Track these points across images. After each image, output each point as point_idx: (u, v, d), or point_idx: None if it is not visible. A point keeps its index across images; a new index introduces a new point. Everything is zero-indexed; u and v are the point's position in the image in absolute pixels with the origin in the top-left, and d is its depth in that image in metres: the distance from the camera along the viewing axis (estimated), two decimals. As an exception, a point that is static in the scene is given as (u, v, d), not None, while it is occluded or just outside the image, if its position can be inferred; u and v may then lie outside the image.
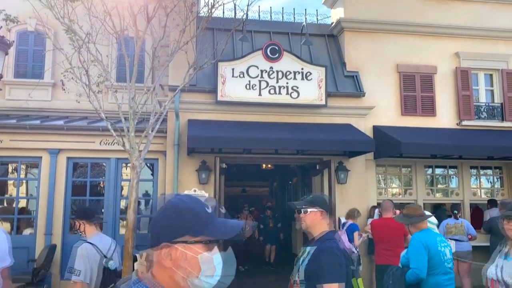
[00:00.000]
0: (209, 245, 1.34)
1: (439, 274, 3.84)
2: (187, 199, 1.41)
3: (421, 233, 3.99)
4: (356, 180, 9.16)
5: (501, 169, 10.35)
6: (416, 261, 3.80)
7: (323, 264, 2.66)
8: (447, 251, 3.94)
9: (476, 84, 10.27)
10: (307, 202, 2.92)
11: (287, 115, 8.99)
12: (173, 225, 1.33)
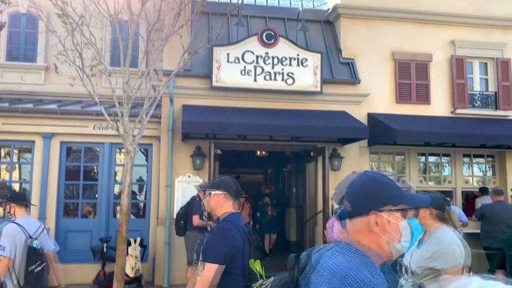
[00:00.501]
0: (405, 213, 1.53)
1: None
2: (379, 174, 1.62)
3: (408, 220, 4.04)
4: (350, 167, 9.17)
5: (493, 158, 10.43)
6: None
7: (210, 244, 2.81)
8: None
9: (470, 73, 10.28)
10: (212, 185, 3.06)
11: (282, 101, 8.96)
12: (379, 196, 1.51)
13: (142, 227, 8.77)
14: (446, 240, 2.97)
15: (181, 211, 7.20)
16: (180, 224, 7.11)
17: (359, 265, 1.40)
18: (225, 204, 3.02)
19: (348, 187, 1.57)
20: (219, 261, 2.73)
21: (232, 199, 3.05)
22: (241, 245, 2.83)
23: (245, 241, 2.87)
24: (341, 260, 1.42)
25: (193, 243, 7.04)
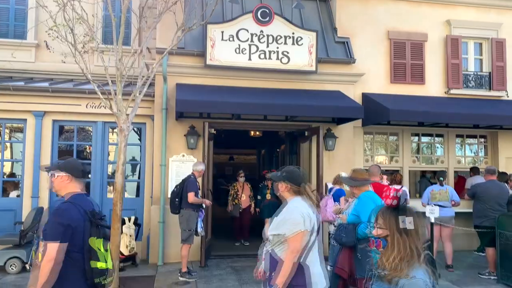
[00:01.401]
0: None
1: None
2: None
3: (367, 192, 4.33)
4: (343, 147, 9.22)
5: (486, 138, 10.51)
6: (367, 215, 4.06)
7: (48, 224, 2.90)
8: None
9: (465, 53, 10.26)
10: (56, 167, 3.14)
11: (277, 81, 8.91)
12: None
13: (136, 206, 8.77)
14: (291, 209, 3.22)
15: (176, 189, 7.21)
16: (175, 202, 7.12)
17: None
18: (68, 185, 3.12)
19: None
20: (59, 238, 2.82)
21: (77, 180, 3.16)
22: (81, 224, 2.94)
23: (86, 220, 2.97)
24: None
25: (188, 221, 7.09)
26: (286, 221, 3.16)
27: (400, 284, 2.20)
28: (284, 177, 3.35)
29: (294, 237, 3.08)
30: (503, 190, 7.58)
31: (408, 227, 2.27)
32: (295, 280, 3.10)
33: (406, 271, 2.21)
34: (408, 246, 2.26)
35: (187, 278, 6.94)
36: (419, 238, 2.29)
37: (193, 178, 7.11)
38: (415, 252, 2.27)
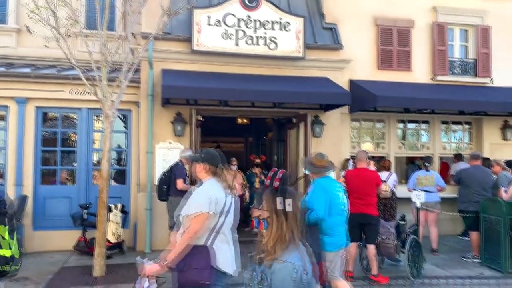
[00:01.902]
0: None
1: (335, 215, 4.28)
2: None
3: (321, 179, 4.42)
4: (331, 133, 9.24)
5: (471, 124, 10.63)
6: (315, 202, 4.19)
7: None
8: (340, 195, 4.42)
9: (451, 40, 10.32)
10: None
11: (264, 67, 8.84)
12: None
13: (123, 193, 8.68)
14: (200, 191, 3.30)
15: (164, 176, 7.14)
16: (163, 188, 7.06)
17: None
18: None
19: None
20: None
21: None
22: None
23: None
24: None
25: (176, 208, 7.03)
26: (192, 202, 3.22)
27: (272, 268, 2.15)
28: (203, 158, 3.43)
29: (195, 218, 3.13)
30: (487, 175, 7.70)
31: (287, 209, 2.22)
32: (197, 262, 3.13)
33: (280, 254, 2.16)
34: (284, 228, 2.20)
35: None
36: (296, 221, 2.23)
37: (181, 165, 7.05)
38: (290, 235, 2.21)
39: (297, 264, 2.14)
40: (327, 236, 4.26)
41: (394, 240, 6.36)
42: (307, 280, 2.14)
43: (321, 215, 4.18)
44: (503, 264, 6.62)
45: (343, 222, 4.43)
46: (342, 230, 4.41)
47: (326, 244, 4.22)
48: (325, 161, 4.57)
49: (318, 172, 4.52)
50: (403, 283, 6.15)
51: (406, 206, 7.86)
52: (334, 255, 4.33)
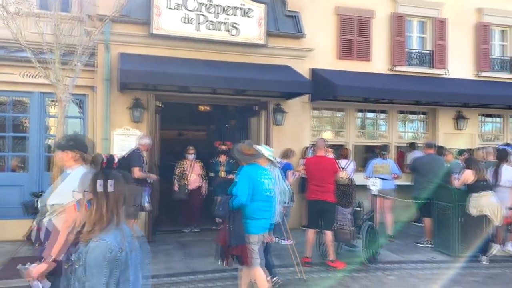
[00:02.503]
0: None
1: (259, 201, 4.46)
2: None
3: (247, 166, 4.58)
4: (292, 122, 9.28)
5: (426, 115, 10.98)
6: (239, 189, 4.37)
7: None
8: (266, 182, 4.57)
9: (409, 31, 10.56)
10: None
11: (226, 53, 8.73)
12: None
13: (78, 181, 8.39)
14: (73, 178, 3.19)
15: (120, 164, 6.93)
16: (119, 177, 6.86)
17: None
18: None
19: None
20: None
21: None
22: None
23: None
24: None
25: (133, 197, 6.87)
26: (66, 191, 3.12)
27: (88, 246, 2.17)
28: (71, 145, 3.37)
29: (70, 207, 3.06)
30: (441, 163, 7.98)
31: (109, 189, 2.22)
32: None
33: (98, 234, 2.18)
34: (104, 210, 2.20)
35: (132, 254, 6.77)
36: (118, 203, 2.24)
37: (138, 152, 6.88)
38: (110, 216, 2.22)
39: (112, 243, 2.14)
40: (251, 220, 4.45)
41: (350, 226, 6.49)
42: (123, 259, 2.15)
43: (243, 201, 4.36)
44: (453, 248, 6.91)
45: (269, 207, 4.61)
46: (267, 215, 4.59)
47: (249, 227, 4.44)
48: (253, 149, 4.72)
49: (245, 160, 4.67)
50: (359, 268, 6.29)
51: (364, 193, 8.02)
52: (258, 238, 4.52)
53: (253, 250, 4.47)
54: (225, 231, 4.38)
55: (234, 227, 4.34)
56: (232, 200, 4.39)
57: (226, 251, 4.41)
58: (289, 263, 6.47)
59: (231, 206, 4.38)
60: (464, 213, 6.71)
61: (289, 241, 7.77)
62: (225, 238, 4.36)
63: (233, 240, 4.32)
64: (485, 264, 6.54)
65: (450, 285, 5.63)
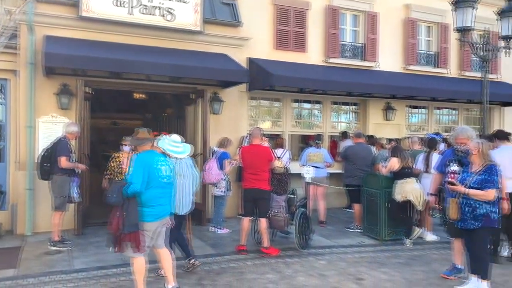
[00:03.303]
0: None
1: (154, 187, 4.45)
2: None
3: (142, 153, 4.57)
4: (230, 111, 9.26)
5: (358, 105, 11.43)
6: (133, 176, 4.35)
7: None
8: (164, 169, 4.58)
9: (343, 24, 10.88)
10: None
11: (161, 39, 8.48)
12: None
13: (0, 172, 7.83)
14: None
15: (46, 153, 6.55)
16: (45, 167, 6.49)
17: None
18: None
19: None
20: None
21: None
22: None
23: None
24: None
25: (60, 187, 6.54)
26: None
27: None
28: None
29: None
30: (369, 152, 8.36)
31: None
32: None
33: None
34: None
35: (59, 247, 6.47)
36: None
37: (64, 141, 6.53)
38: None
39: None
40: (147, 208, 4.41)
41: (284, 214, 6.62)
42: None
43: (138, 188, 4.32)
44: (380, 233, 7.28)
45: (166, 194, 4.61)
46: (164, 202, 4.59)
47: (145, 215, 4.40)
48: (146, 133, 4.71)
49: (141, 144, 4.62)
50: (292, 253, 6.45)
51: (299, 181, 8.22)
52: (154, 225, 4.51)
53: (146, 237, 4.44)
54: (119, 218, 4.30)
55: (128, 214, 4.28)
56: (126, 188, 4.31)
57: (118, 238, 4.34)
58: (224, 252, 6.52)
59: (125, 193, 4.30)
60: (390, 199, 7.08)
61: (225, 230, 7.83)
62: (118, 225, 4.30)
63: (126, 227, 4.26)
64: (408, 247, 6.95)
65: (376, 267, 5.92)
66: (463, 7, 7.68)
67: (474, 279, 4.91)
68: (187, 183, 5.35)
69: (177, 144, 5.25)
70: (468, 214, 4.79)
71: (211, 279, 5.33)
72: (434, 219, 7.76)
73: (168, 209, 4.70)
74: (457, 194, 4.87)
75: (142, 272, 4.52)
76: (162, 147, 4.97)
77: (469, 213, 4.78)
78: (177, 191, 5.17)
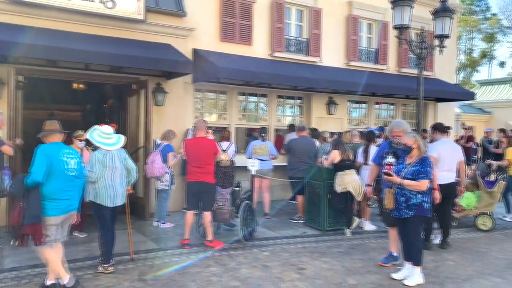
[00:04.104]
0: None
1: (58, 179, 4.38)
2: None
3: (46, 144, 4.51)
4: (174, 102, 9.09)
5: (302, 99, 11.63)
6: (34, 166, 4.27)
7: None
8: (71, 161, 4.54)
9: (288, 18, 10.99)
10: None
11: (101, 27, 8.13)
12: None
13: None
14: None
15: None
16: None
17: None
18: None
19: None
20: None
21: None
22: None
23: None
24: None
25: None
26: None
27: None
28: None
29: None
30: (312, 145, 8.55)
31: None
32: None
33: None
34: None
35: (-12, 246, 6.06)
36: None
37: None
38: None
39: None
40: (49, 201, 4.32)
41: (229, 206, 6.62)
42: None
43: (38, 178, 4.21)
44: (322, 223, 7.48)
45: (73, 188, 4.52)
46: (71, 196, 4.50)
47: (47, 209, 4.31)
48: (55, 125, 4.63)
49: (47, 135, 4.55)
50: (236, 246, 6.46)
51: (245, 174, 8.25)
52: (59, 219, 4.42)
53: (48, 231, 4.33)
54: (19, 210, 4.17)
55: (28, 206, 4.15)
56: (27, 178, 4.18)
57: (18, 230, 4.19)
58: (167, 246, 6.41)
59: (26, 184, 4.16)
60: (331, 190, 7.29)
61: (169, 224, 7.70)
62: (18, 217, 4.16)
63: (26, 219, 4.13)
64: (348, 236, 7.21)
65: (318, 256, 6.08)
66: (401, 6, 7.99)
67: (408, 266, 5.18)
68: (117, 175, 5.19)
69: (108, 136, 5.13)
70: (402, 204, 5.04)
71: (153, 274, 5.23)
72: (373, 209, 8.08)
73: (74, 204, 4.57)
74: (392, 185, 5.10)
75: (58, 265, 4.43)
76: (90, 138, 4.86)
77: (404, 203, 5.03)
78: (105, 183, 5.07)
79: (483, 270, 5.63)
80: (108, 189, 5.11)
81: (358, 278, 5.22)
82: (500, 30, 41.29)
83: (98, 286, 4.81)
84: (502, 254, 6.43)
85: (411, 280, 5.02)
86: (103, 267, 5.20)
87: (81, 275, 5.04)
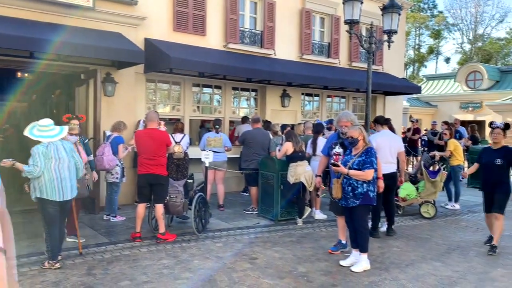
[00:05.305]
0: None
1: None
2: None
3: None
4: (124, 93, 8.87)
5: (257, 92, 11.69)
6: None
7: None
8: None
9: (242, 10, 10.96)
10: None
11: (46, 13, 7.76)
12: None
13: None
14: None
15: None
16: None
17: None
18: None
19: None
20: None
21: None
22: None
23: None
24: None
25: None
26: None
27: None
28: None
29: None
30: (266, 136, 8.63)
31: None
32: None
33: None
34: None
35: None
36: None
37: None
38: None
39: None
40: None
41: (182, 199, 6.57)
42: None
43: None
44: (275, 213, 7.60)
45: None
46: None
47: None
48: None
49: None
50: (189, 238, 6.44)
51: (199, 166, 8.21)
52: None
53: None
54: None
55: None
56: None
57: None
58: (118, 240, 6.29)
59: None
60: (284, 181, 7.41)
61: (120, 218, 7.54)
62: None
63: None
64: (300, 226, 7.37)
65: (270, 246, 6.18)
66: (352, 1, 8.19)
67: (355, 253, 5.38)
68: (64, 167, 5.03)
69: (47, 128, 4.99)
70: (349, 193, 5.21)
71: (102, 268, 5.12)
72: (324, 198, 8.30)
73: None
74: (340, 175, 5.26)
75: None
76: (30, 135, 4.74)
77: (350, 192, 5.20)
78: (51, 176, 4.91)
79: (425, 255, 5.94)
80: (54, 182, 4.92)
81: (308, 266, 5.37)
82: (445, 27, 43.28)
83: (44, 282, 4.65)
84: (443, 240, 6.81)
85: (358, 266, 5.22)
86: (49, 263, 5.04)
87: (25, 272, 4.86)
